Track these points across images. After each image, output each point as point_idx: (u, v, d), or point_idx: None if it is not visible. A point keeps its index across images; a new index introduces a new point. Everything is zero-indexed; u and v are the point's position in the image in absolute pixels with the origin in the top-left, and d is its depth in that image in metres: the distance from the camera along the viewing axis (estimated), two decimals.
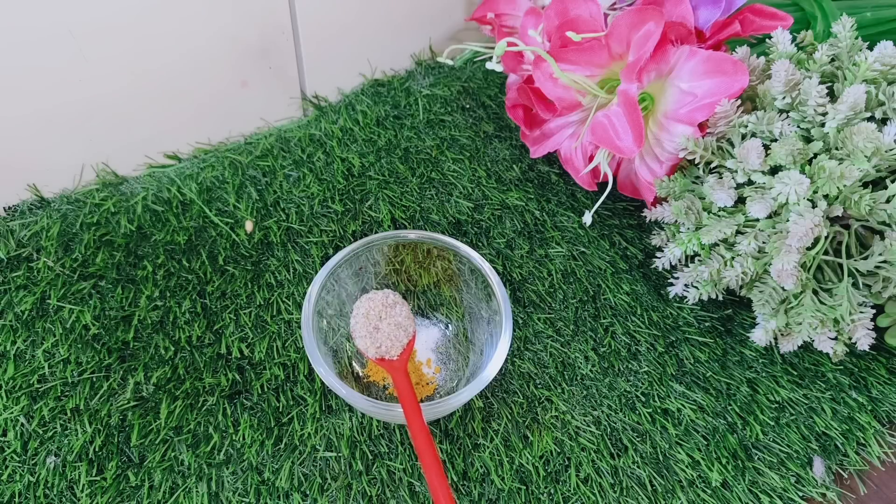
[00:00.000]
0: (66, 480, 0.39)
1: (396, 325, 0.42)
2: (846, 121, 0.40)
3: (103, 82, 0.50)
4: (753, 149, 0.41)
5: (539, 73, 0.46)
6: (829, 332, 0.42)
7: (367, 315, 0.42)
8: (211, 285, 0.48)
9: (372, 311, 0.42)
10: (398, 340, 0.42)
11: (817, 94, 0.40)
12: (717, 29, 0.46)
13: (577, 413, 0.44)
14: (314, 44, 0.59)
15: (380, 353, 0.41)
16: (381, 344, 0.41)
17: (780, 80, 0.41)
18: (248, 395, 0.43)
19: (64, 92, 0.49)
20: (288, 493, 0.39)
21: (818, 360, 0.47)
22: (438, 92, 0.64)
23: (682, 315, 0.49)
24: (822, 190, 0.40)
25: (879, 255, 0.40)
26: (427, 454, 0.36)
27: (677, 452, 0.42)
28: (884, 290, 0.41)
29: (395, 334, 0.42)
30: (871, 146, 0.38)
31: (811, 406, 0.45)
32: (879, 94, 0.40)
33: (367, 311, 0.42)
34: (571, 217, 0.55)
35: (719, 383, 0.46)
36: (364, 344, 0.41)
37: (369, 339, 0.41)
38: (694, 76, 0.43)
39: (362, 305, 0.42)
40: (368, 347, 0.41)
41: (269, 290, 0.49)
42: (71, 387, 0.43)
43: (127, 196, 0.54)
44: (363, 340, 0.41)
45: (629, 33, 0.43)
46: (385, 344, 0.41)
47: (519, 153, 0.59)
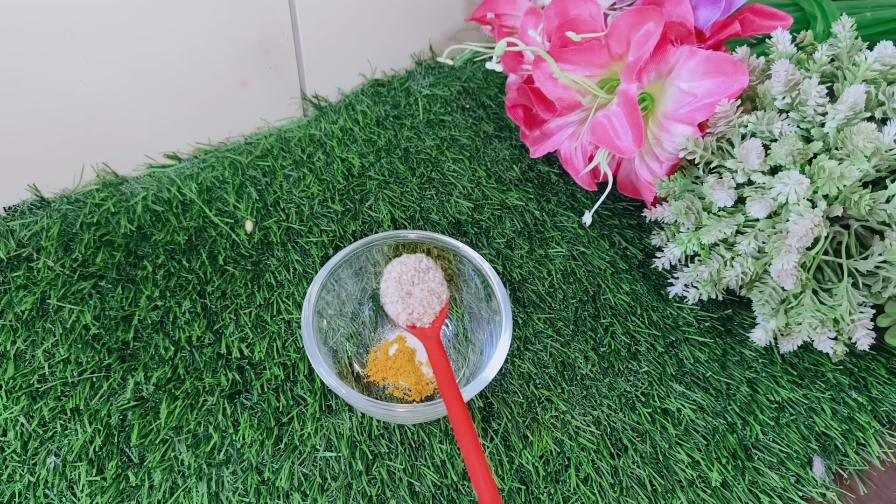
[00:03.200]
0: (66, 480, 0.39)
1: (430, 291, 0.40)
2: (846, 121, 0.40)
3: (103, 82, 0.50)
4: (753, 149, 0.41)
5: (539, 73, 0.46)
6: (829, 332, 0.42)
7: (398, 279, 0.40)
8: (211, 285, 0.48)
9: (404, 276, 0.40)
10: (430, 307, 0.40)
11: (817, 94, 0.40)
12: (717, 29, 0.46)
13: (576, 413, 0.44)
14: (314, 44, 0.59)
15: (411, 319, 0.40)
16: (413, 310, 0.40)
17: (779, 80, 0.41)
18: (248, 395, 0.43)
19: (64, 92, 0.49)
20: (288, 493, 0.39)
21: (818, 360, 0.47)
22: (438, 92, 0.64)
23: (681, 315, 0.49)
24: (822, 190, 0.40)
25: (879, 255, 0.40)
26: (464, 427, 0.34)
27: (677, 452, 0.42)
28: (884, 290, 0.41)
29: (427, 301, 0.40)
30: (871, 146, 0.38)
31: (811, 406, 0.45)
32: (879, 94, 0.40)
33: (400, 275, 0.40)
34: (571, 217, 0.55)
35: (719, 383, 0.46)
36: (395, 310, 0.40)
37: (401, 305, 0.40)
38: (694, 76, 0.43)
39: (394, 269, 0.41)
40: (400, 314, 0.40)
41: (269, 290, 0.49)
42: (71, 387, 0.43)
43: (127, 196, 0.54)
44: (394, 306, 0.40)
45: (629, 33, 0.43)
46: (417, 311, 0.40)
47: (519, 153, 0.59)
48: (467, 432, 0.34)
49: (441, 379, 0.37)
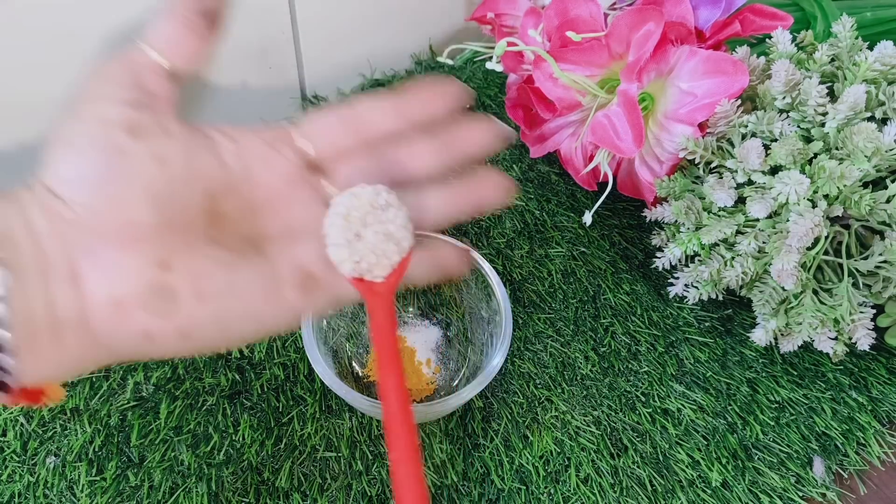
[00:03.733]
0: (66, 480, 0.39)
1: (386, 235, 0.31)
2: (846, 121, 0.40)
3: None
4: (753, 149, 0.41)
5: (539, 73, 0.46)
6: (830, 332, 0.42)
7: (346, 217, 0.30)
8: None
9: (354, 213, 0.30)
10: (385, 256, 0.31)
11: (817, 94, 0.40)
12: (717, 29, 0.46)
13: (577, 413, 0.44)
14: (314, 44, 0.59)
15: (359, 269, 0.30)
16: (361, 258, 0.30)
17: (780, 80, 0.41)
18: (248, 395, 0.43)
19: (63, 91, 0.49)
20: (288, 493, 0.39)
21: (818, 360, 0.47)
22: None
23: (682, 315, 0.49)
24: (823, 190, 0.40)
25: (879, 255, 0.40)
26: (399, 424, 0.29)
27: (677, 452, 0.42)
28: (884, 290, 0.41)
29: (382, 248, 0.30)
30: (872, 146, 0.38)
31: (811, 406, 0.45)
32: (879, 94, 0.40)
33: (348, 210, 0.30)
34: (571, 217, 0.55)
35: (719, 383, 0.46)
36: (339, 254, 0.30)
37: (346, 250, 0.30)
38: (694, 76, 0.43)
39: (342, 203, 0.31)
40: (344, 260, 0.30)
41: None
42: (70, 387, 0.43)
43: None
44: (339, 250, 0.30)
45: (629, 33, 0.43)
46: (367, 259, 0.30)
47: (519, 153, 0.59)
48: (403, 427, 0.29)
49: (381, 352, 0.30)
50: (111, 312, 0.26)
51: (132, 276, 0.27)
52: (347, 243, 0.30)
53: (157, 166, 0.28)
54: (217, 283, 0.29)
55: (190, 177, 0.29)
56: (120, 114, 0.29)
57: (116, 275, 0.27)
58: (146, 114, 0.29)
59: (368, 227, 0.30)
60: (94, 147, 0.28)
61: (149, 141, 0.28)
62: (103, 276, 0.27)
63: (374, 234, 0.30)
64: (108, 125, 0.28)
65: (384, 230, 0.30)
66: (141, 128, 0.29)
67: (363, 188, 0.31)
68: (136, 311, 0.27)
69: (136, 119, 0.29)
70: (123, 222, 0.27)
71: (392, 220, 0.31)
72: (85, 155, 0.28)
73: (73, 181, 0.27)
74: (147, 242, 0.27)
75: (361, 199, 0.31)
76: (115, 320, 0.27)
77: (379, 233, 0.30)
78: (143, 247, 0.27)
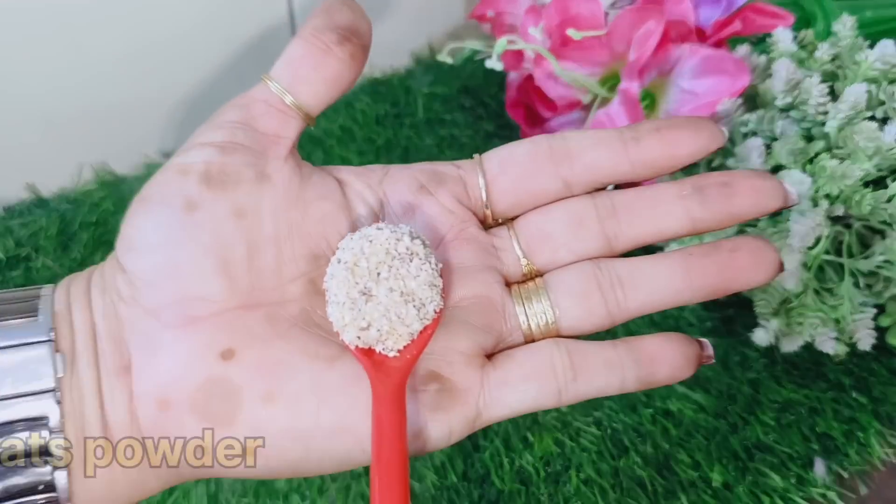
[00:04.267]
0: None
1: (405, 294, 0.23)
2: (847, 120, 0.40)
3: (102, 81, 0.49)
4: (754, 148, 0.41)
5: (539, 71, 0.46)
6: (831, 332, 0.42)
7: (353, 267, 0.23)
8: None
9: (363, 262, 0.23)
10: (403, 322, 0.23)
11: (818, 93, 0.39)
12: (718, 27, 0.46)
13: (577, 414, 0.43)
14: None
15: (366, 338, 0.23)
16: (369, 323, 0.23)
17: (780, 78, 0.41)
18: None
19: (62, 91, 0.48)
20: (287, 493, 0.39)
21: (819, 360, 0.47)
22: (438, 90, 0.64)
23: (682, 315, 0.49)
24: (824, 189, 0.39)
25: (881, 254, 0.40)
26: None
27: (678, 453, 0.42)
28: (885, 289, 0.41)
29: (398, 311, 0.23)
30: (872, 146, 0.38)
31: (812, 406, 0.45)
32: (880, 93, 0.40)
33: (356, 259, 0.23)
34: None
35: (720, 384, 0.45)
36: (340, 316, 0.23)
37: (350, 311, 0.23)
38: (695, 75, 0.43)
39: (349, 248, 0.24)
40: (346, 325, 0.23)
41: None
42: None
43: (126, 195, 0.54)
44: (340, 310, 0.23)
45: (630, 31, 0.43)
46: (378, 325, 0.23)
47: None
48: None
49: (382, 458, 0.21)
50: (156, 415, 0.21)
51: (183, 368, 0.21)
52: (352, 303, 0.23)
53: (235, 222, 0.22)
54: (299, 383, 0.22)
55: (288, 235, 0.23)
56: (201, 159, 0.23)
57: (165, 366, 0.21)
58: (236, 157, 0.23)
59: (382, 282, 0.23)
60: (163, 203, 0.22)
61: (229, 191, 0.22)
62: (152, 367, 0.21)
63: (389, 293, 0.23)
64: (184, 174, 0.23)
65: (402, 287, 0.23)
66: (222, 174, 0.22)
67: (379, 229, 0.24)
68: (184, 414, 0.21)
69: (219, 164, 0.23)
70: (182, 296, 0.21)
71: (415, 274, 0.23)
72: (152, 214, 0.22)
73: (137, 248, 0.22)
74: (209, 323, 0.21)
75: (375, 245, 0.24)
76: (161, 425, 0.21)
77: (395, 291, 0.23)
78: (204, 329, 0.21)
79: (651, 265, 0.25)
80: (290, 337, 0.22)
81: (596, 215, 0.25)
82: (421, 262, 0.24)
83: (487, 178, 0.25)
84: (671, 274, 0.25)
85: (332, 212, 0.24)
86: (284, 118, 0.24)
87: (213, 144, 0.23)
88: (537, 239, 0.25)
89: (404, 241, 0.24)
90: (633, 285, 0.25)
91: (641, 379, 0.24)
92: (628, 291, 0.25)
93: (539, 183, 0.25)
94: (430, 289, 0.24)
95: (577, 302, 0.25)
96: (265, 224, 0.23)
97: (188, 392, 0.21)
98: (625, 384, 0.24)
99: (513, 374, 0.23)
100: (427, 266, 0.24)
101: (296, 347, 0.22)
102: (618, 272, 0.25)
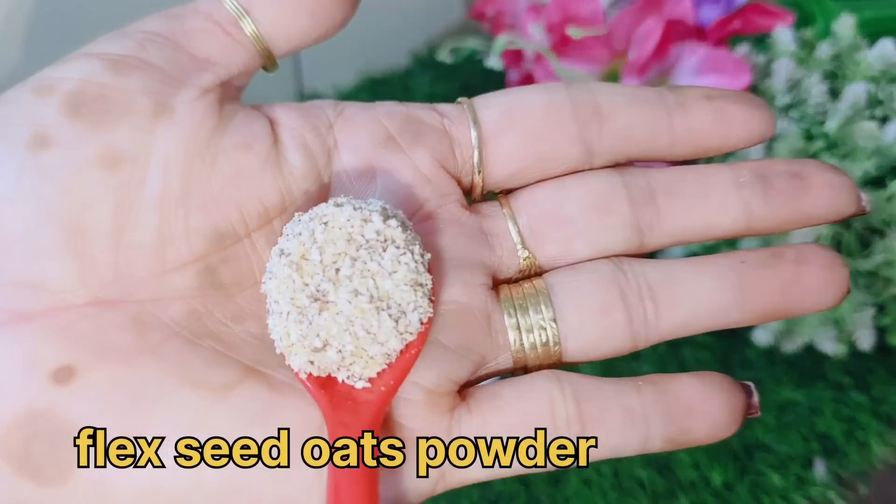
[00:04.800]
0: None
1: (377, 300, 0.16)
2: (847, 119, 0.40)
3: None
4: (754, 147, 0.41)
5: (539, 70, 0.46)
6: (831, 331, 0.42)
7: (300, 262, 0.16)
8: None
9: (314, 255, 0.16)
10: (374, 340, 0.16)
11: (818, 92, 0.40)
12: (719, 26, 0.46)
13: None
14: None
15: (322, 363, 0.16)
16: (325, 341, 0.16)
17: (780, 78, 0.41)
18: None
19: None
20: None
21: (820, 360, 0.47)
22: (437, 89, 0.64)
23: None
24: None
25: (881, 254, 0.40)
26: None
27: (678, 453, 0.42)
28: (885, 289, 0.41)
29: (365, 323, 0.16)
30: (872, 145, 0.38)
31: (812, 406, 0.45)
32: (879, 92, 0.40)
33: (305, 251, 0.16)
34: None
35: None
36: (286, 332, 0.16)
37: (298, 324, 0.16)
38: (695, 74, 0.43)
39: (300, 232, 0.16)
40: (292, 344, 0.16)
41: None
42: None
43: None
44: (284, 323, 0.16)
45: (630, 30, 0.43)
46: (338, 343, 0.16)
47: None
48: None
49: None
50: None
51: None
52: (300, 312, 0.16)
53: (103, 173, 0.15)
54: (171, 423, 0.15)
55: (182, 199, 0.16)
56: (76, 75, 0.16)
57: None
58: (133, 78, 0.16)
59: (342, 282, 0.16)
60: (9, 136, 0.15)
61: (105, 126, 0.15)
62: None
63: (353, 298, 0.16)
64: (44, 94, 0.16)
65: (372, 289, 0.16)
66: (100, 100, 0.16)
67: (339, 205, 0.17)
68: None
69: (100, 85, 0.16)
70: (5, 280, 0.14)
71: (390, 269, 0.16)
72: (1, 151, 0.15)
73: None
74: (42, 324, 0.14)
75: (332, 230, 0.16)
76: None
77: (362, 294, 0.16)
78: (33, 333, 0.14)
79: (693, 272, 0.18)
80: (164, 352, 0.15)
81: (627, 197, 0.18)
82: (399, 253, 0.16)
83: (483, 133, 0.18)
84: (718, 286, 0.18)
85: (253, 167, 0.17)
86: (231, 44, 0.18)
87: (105, 57, 0.16)
88: (545, 223, 0.18)
89: (374, 223, 0.16)
90: (670, 298, 0.18)
91: (670, 438, 0.18)
92: (661, 306, 0.18)
93: (555, 146, 0.18)
94: (414, 290, 0.16)
95: (590, 316, 0.18)
96: (150, 180, 0.15)
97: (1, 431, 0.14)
98: (648, 444, 0.17)
99: (493, 425, 0.17)
100: (408, 258, 0.16)
101: (172, 368, 0.15)
102: (648, 279, 0.18)
